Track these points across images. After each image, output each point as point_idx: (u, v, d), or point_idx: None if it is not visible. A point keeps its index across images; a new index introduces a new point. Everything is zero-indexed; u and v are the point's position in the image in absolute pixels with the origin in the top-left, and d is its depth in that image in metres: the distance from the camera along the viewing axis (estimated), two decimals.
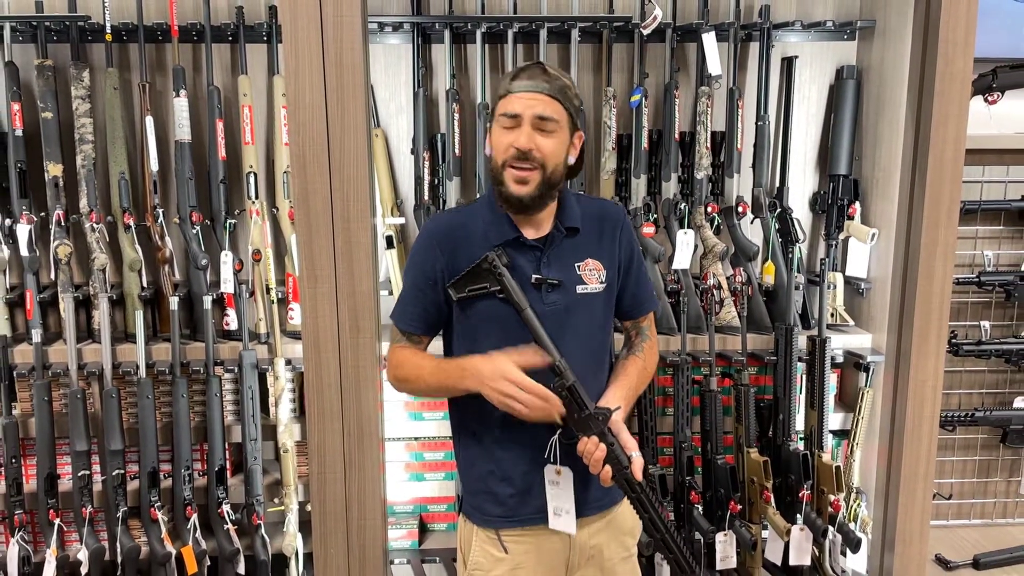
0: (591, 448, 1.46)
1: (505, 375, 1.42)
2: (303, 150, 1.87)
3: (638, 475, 1.48)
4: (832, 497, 2.21)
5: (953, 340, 2.44)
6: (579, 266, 1.56)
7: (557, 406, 1.45)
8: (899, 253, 2.18)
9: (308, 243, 1.91)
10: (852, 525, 2.27)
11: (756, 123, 2.34)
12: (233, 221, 2.27)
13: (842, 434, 2.41)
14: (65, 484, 2.23)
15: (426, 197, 2.30)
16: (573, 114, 1.51)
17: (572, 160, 1.54)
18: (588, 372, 1.54)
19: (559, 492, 1.52)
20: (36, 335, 2.16)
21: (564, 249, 1.56)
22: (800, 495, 2.21)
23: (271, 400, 2.27)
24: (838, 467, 2.22)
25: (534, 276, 1.52)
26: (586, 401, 1.47)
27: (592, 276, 1.56)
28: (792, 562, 2.20)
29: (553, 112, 1.47)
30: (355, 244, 1.91)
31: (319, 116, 1.86)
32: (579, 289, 1.55)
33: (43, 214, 2.23)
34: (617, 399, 1.54)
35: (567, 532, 1.54)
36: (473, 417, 1.58)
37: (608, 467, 1.46)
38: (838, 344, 2.32)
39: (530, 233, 1.54)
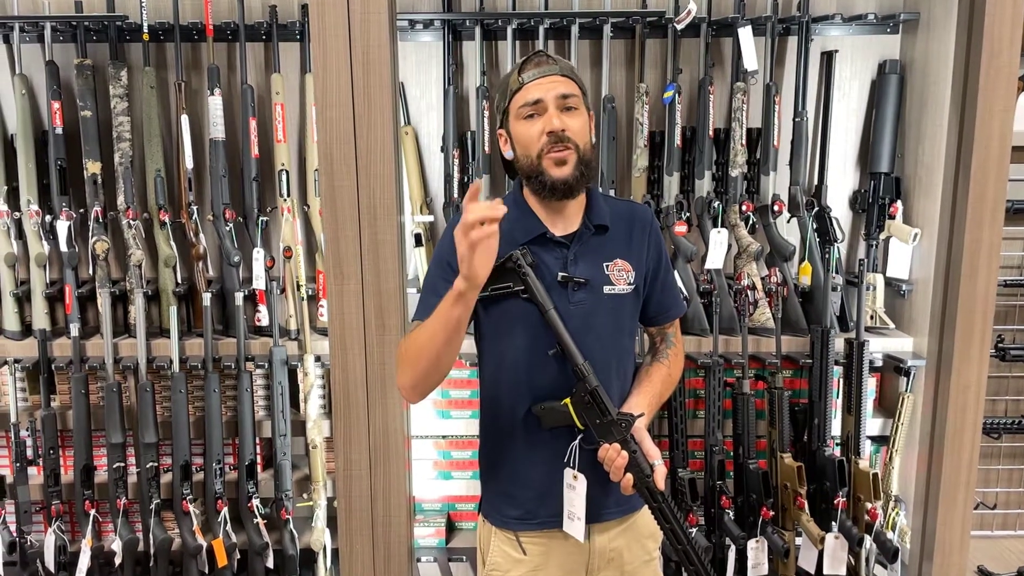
0: (612, 455, 1.43)
1: (458, 243, 1.29)
2: (330, 147, 1.88)
3: (660, 484, 1.44)
4: (869, 505, 2.17)
5: (1000, 344, 2.36)
6: (607, 266, 1.52)
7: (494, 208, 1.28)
8: (942, 254, 2.12)
9: (335, 240, 1.92)
10: (890, 534, 2.22)
11: (794, 119, 2.28)
12: (265, 218, 2.29)
13: (881, 440, 2.35)
14: (101, 475, 2.28)
15: (455, 195, 2.29)
16: (584, 92, 1.50)
17: (592, 139, 1.53)
18: (611, 376, 1.51)
19: (574, 497, 1.49)
20: (74, 329, 2.21)
21: (592, 247, 1.53)
22: (835, 502, 2.17)
23: (301, 396, 2.28)
24: (876, 474, 2.17)
25: (560, 274, 1.49)
26: (608, 406, 1.44)
27: (620, 277, 1.53)
28: (826, 571, 2.16)
29: (572, 89, 1.46)
30: (381, 241, 1.91)
31: (346, 113, 1.87)
32: (607, 289, 1.52)
33: (82, 210, 2.28)
34: (640, 405, 1.51)
35: (575, 537, 1.51)
36: (498, 418, 1.56)
37: (629, 475, 1.44)
38: (877, 347, 2.27)
39: (557, 229, 1.52)
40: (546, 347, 1.47)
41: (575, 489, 1.49)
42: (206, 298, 2.21)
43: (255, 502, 2.25)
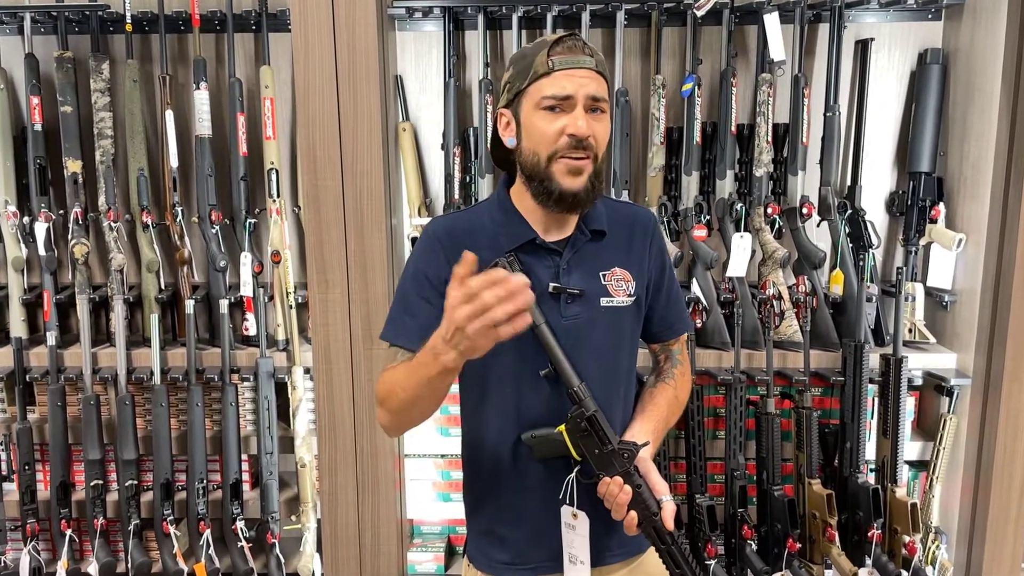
0: (614, 490, 1.26)
1: (452, 307, 1.07)
2: (313, 144, 1.75)
3: (669, 524, 1.27)
4: (907, 538, 2.02)
5: None
6: (604, 275, 1.36)
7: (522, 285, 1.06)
8: (991, 261, 1.99)
9: (319, 245, 1.79)
10: (929, 570, 2.07)
11: (824, 114, 2.14)
12: (253, 220, 2.17)
13: (920, 466, 2.20)
14: (80, 493, 2.17)
15: (456, 196, 2.15)
16: (612, 93, 1.33)
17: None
18: (611, 399, 1.35)
19: (574, 538, 1.33)
20: (51, 338, 2.10)
21: (587, 254, 1.36)
22: (869, 534, 2.01)
23: (291, 411, 2.14)
24: (914, 504, 2.02)
25: (552, 284, 1.33)
26: (608, 434, 1.28)
27: (619, 288, 1.36)
28: None
29: (603, 91, 1.28)
30: (369, 246, 1.77)
31: (330, 106, 1.73)
32: (604, 301, 1.35)
33: (62, 212, 2.17)
34: (645, 433, 1.34)
35: None
36: (482, 448, 1.40)
37: (633, 513, 1.27)
38: (917, 364, 2.13)
39: (548, 235, 1.34)
40: (536, 367, 1.30)
41: (575, 529, 1.32)
42: (190, 305, 2.09)
43: (240, 524, 2.12)
